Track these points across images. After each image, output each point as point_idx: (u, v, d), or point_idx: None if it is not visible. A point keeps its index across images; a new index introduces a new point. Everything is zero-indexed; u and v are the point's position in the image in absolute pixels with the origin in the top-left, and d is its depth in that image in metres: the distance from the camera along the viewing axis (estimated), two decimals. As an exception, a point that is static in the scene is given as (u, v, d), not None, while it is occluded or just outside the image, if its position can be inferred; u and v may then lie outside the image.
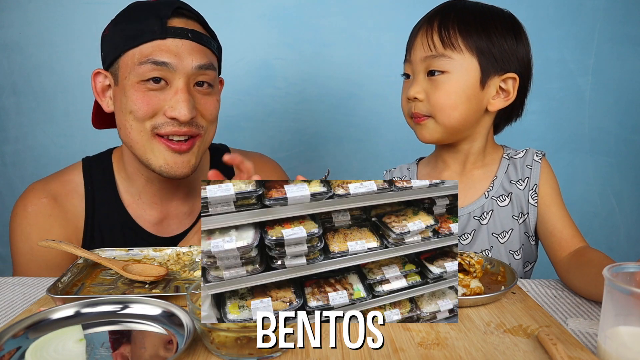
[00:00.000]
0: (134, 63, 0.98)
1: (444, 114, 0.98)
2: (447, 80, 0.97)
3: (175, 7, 1.01)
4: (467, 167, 1.07)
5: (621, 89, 1.70)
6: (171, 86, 0.99)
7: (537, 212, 1.01)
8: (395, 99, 1.67)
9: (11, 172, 1.71)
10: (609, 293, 0.59)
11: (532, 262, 1.05)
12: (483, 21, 0.97)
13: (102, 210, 1.10)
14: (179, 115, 0.97)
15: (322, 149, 1.74)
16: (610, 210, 1.77)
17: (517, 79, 0.98)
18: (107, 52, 1.03)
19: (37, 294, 0.86)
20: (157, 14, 0.99)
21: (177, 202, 1.14)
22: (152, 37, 0.98)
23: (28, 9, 1.63)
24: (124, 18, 1.03)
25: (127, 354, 0.62)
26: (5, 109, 1.68)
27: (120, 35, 1.00)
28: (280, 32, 1.67)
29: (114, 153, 1.16)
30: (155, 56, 0.97)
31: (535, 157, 1.03)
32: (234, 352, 0.60)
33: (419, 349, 0.63)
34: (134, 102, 0.98)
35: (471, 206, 1.05)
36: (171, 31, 0.98)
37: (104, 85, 1.05)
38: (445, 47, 0.96)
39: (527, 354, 0.62)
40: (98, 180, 1.12)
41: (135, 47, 0.98)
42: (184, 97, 0.98)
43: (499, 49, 0.97)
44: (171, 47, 0.98)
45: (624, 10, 1.66)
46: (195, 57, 1.00)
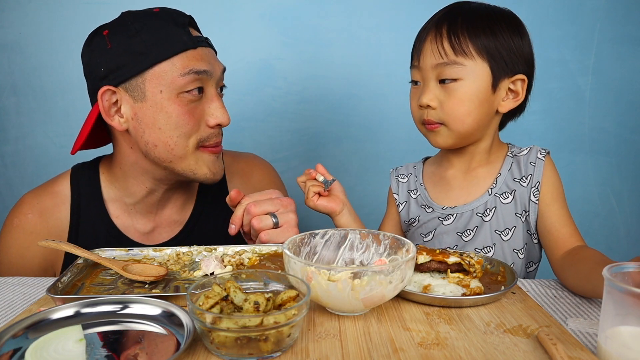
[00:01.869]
0: (172, 75, 0.95)
1: (457, 121, 0.98)
2: (459, 87, 0.96)
3: (188, 16, 1.02)
4: (472, 165, 1.07)
5: (621, 89, 1.70)
6: (205, 94, 1.00)
7: (538, 210, 1.01)
8: (395, 99, 1.68)
9: (11, 172, 1.71)
10: (609, 293, 0.59)
11: (535, 262, 1.06)
12: (490, 23, 0.97)
13: (87, 219, 1.10)
14: (222, 121, 1.01)
15: (322, 149, 1.74)
16: (610, 210, 1.77)
17: (526, 80, 0.99)
18: (117, 67, 0.96)
19: (37, 294, 0.86)
20: (176, 23, 0.98)
21: (172, 210, 1.14)
22: (185, 47, 0.97)
23: (28, 9, 1.63)
24: (137, 29, 0.96)
25: (127, 354, 0.62)
26: (5, 109, 1.68)
27: (141, 47, 0.95)
28: (280, 32, 1.67)
29: (102, 163, 1.13)
30: (195, 66, 0.97)
31: (539, 155, 1.03)
32: (234, 352, 0.60)
33: (418, 349, 0.63)
34: (179, 117, 0.97)
35: (474, 203, 1.05)
36: (197, 40, 0.99)
37: (111, 103, 0.99)
38: (457, 54, 0.96)
39: (527, 354, 0.62)
40: (85, 188, 1.11)
41: (166, 58, 0.95)
42: (220, 103, 1.02)
43: (507, 50, 0.97)
44: (203, 56, 0.99)
45: (624, 10, 1.66)
46: (217, 62, 1.03)
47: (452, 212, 1.07)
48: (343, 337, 0.66)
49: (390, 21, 1.66)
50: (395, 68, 1.65)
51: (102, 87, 0.97)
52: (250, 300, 0.64)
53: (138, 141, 1.00)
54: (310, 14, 1.66)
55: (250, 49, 1.66)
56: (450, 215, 1.07)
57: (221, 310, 0.64)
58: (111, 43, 0.97)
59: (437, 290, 0.77)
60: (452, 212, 1.07)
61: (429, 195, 1.12)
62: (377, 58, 1.68)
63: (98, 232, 1.09)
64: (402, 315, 0.73)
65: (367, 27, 1.67)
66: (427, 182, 1.14)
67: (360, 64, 1.69)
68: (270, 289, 0.72)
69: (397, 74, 1.07)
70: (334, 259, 0.85)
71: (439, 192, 1.11)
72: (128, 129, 1.00)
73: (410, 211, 1.14)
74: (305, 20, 1.66)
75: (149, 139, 0.99)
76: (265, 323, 0.59)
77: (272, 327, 0.59)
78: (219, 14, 1.08)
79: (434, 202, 1.10)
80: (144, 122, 0.98)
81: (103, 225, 1.09)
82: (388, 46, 1.67)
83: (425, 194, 1.12)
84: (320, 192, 1.06)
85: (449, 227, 1.06)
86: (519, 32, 0.99)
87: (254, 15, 1.65)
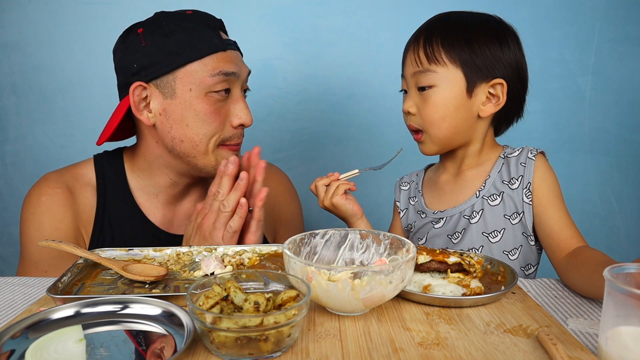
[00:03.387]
0: (203, 75, 1.01)
1: (434, 126, 1.02)
2: (434, 93, 1.01)
3: (218, 19, 1.07)
4: (462, 168, 1.09)
5: (621, 89, 1.70)
6: (231, 95, 1.05)
7: (534, 212, 1.01)
8: (395, 99, 1.67)
9: (11, 172, 1.71)
10: (610, 294, 0.59)
11: (534, 265, 1.05)
12: (466, 33, 1.01)
13: (112, 204, 1.12)
14: (246, 121, 1.06)
15: (322, 149, 1.74)
16: (610, 210, 1.77)
17: (505, 84, 1.00)
18: (150, 64, 1.01)
19: (37, 294, 0.86)
20: (209, 26, 1.03)
21: (190, 204, 1.18)
22: (216, 49, 1.02)
23: (28, 9, 1.63)
24: (170, 28, 1.01)
25: (128, 354, 0.62)
26: (5, 109, 1.68)
27: (174, 46, 1.00)
28: (280, 32, 1.67)
29: (125, 152, 1.17)
30: (225, 68, 1.02)
31: (529, 155, 1.03)
32: (234, 352, 0.60)
33: (419, 349, 0.63)
34: (207, 115, 1.02)
35: (462, 206, 1.06)
36: (227, 43, 1.05)
37: (141, 98, 1.03)
38: (430, 62, 1.01)
39: (527, 354, 0.62)
40: (110, 175, 1.13)
41: (198, 58, 1.00)
42: (245, 104, 1.07)
43: (482, 58, 1.00)
44: (232, 59, 1.04)
45: (624, 10, 1.66)
46: (244, 65, 1.08)
47: (442, 215, 1.08)
48: (343, 337, 0.66)
49: (390, 21, 1.66)
50: (395, 68, 1.64)
51: (134, 82, 1.01)
52: (250, 300, 0.64)
53: (164, 136, 1.05)
54: (310, 14, 1.66)
55: (250, 49, 1.66)
56: (440, 219, 1.08)
57: (221, 310, 0.64)
58: (145, 41, 1.01)
59: (437, 290, 0.77)
60: (442, 215, 1.08)
61: (424, 201, 1.14)
62: (377, 58, 1.68)
63: (124, 215, 1.12)
64: (402, 315, 0.73)
65: (367, 27, 1.67)
66: (424, 188, 1.17)
67: (360, 64, 1.69)
68: (271, 289, 0.71)
69: (397, 74, 1.07)
70: (334, 259, 0.85)
71: (433, 197, 1.13)
72: (155, 124, 1.05)
73: (409, 218, 1.16)
74: (305, 20, 1.66)
75: (176, 134, 1.04)
76: (265, 323, 0.59)
77: (272, 327, 0.59)
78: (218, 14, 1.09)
79: (427, 208, 1.12)
80: (172, 118, 1.03)
81: (129, 210, 1.12)
82: (388, 46, 1.67)
83: (421, 200, 1.14)
84: (351, 188, 1.09)
85: (440, 231, 1.08)
86: (498, 40, 1.01)
87: (254, 15, 1.66)
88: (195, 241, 1.01)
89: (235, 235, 0.99)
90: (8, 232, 1.74)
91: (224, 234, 0.98)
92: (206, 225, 0.99)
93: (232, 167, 1.00)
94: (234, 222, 0.98)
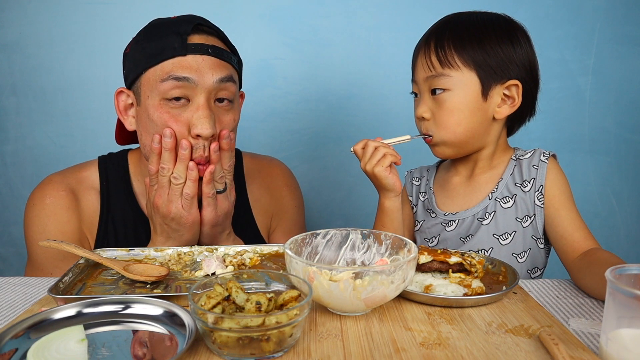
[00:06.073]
0: (155, 81, 0.97)
1: (449, 131, 1.01)
2: (448, 97, 0.99)
3: (196, 24, 1.00)
4: (475, 172, 1.08)
5: (621, 89, 1.70)
6: (192, 102, 0.98)
7: (545, 215, 1.00)
8: (395, 99, 1.69)
9: (11, 172, 1.71)
10: (612, 295, 0.59)
11: (541, 268, 1.05)
12: (477, 34, 0.99)
13: (116, 206, 1.12)
14: (201, 132, 0.95)
15: (322, 149, 1.74)
16: (610, 210, 1.77)
17: (520, 85, 0.99)
18: (128, 71, 1.03)
19: (39, 294, 0.86)
20: (177, 31, 0.99)
21: None
22: (173, 54, 0.97)
23: (28, 9, 1.63)
24: (144, 36, 1.02)
25: (129, 355, 0.62)
26: (5, 109, 1.68)
27: (142, 53, 0.99)
28: (280, 32, 1.67)
29: (130, 155, 1.17)
30: (175, 72, 0.96)
31: (542, 158, 1.02)
32: (236, 352, 0.60)
33: (420, 349, 0.63)
34: (162, 123, 0.97)
35: (475, 208, 1.05)
36: (191, 47, 0.98)
37: (127, 104, 1.05)
38: (443, 67, 0.99)
39: (528, 354, 0.62)
40: (113, 177, 1.14)
41: (156, 64, 0.97)
42: (206, 113, 0.97)
43: (496, 58, 0.98)
44: (192, 63, 0.97)
45: (624, 10, 1.66)
46: (215, 71, 0.99)
47: (454, 217, 1.07)
48: (345, 337, 0.66)
49: (390, 21, 1.66)
50: (395, 68, 1.65)
51: (118, 88, 1.05)
52: (252, 301, 0.64)
53: (140, 142, 1.05)
54: (310, 14, 1.66)
55: (250, 49, 1.66)
56: (452, 222, 1.07)
57: (223, 311, 0.64)
58: (129, 48, 1.04)
59: (438, 290, 0.77)
60: (454, 217, 1.07)
61: (435, 201, 1.12)
62: (377, 58, 1.68)
63: (127, 217, 1.12)
64: (404, 315, 0.73)
65: (367, 27, 1.67)
66: (436, 187, 1.15)
67: (360, 64, 1.69)
68: (272, 289, 0.72)
69: (397, 74, 1.08)
70: (336, 259, 0.85)
71: (445, 197, 1.12)
72: (136, 130, 1.06)
73: (417, 214, 1.15)
74: (305, 20, 1.66)
75: (143, 141, 1.03)
76: (267, 323, 0.59)
77: (274, 327, 0.59)
78: (219, 14, 1.09)
79: (437, 208, 1.11)
80: (140, 125, 1.03)
81: (132, 212, 1.12)
82: (388, 46, 1.67)
83: (432, 199, 1.13)
84: (397, 162, 1.03)
85: (452, 234, 1.07)
86: (510, 39, 0.99)
87: (254, 15, 1.66)
88: (158, 220, 0.99)
89: (194, 201, 0.97)
90: (8, 232, 1.74)
91: (182, 202, 0.97)
92: (161, 202, 0.97)
93: (169, 140, 0.95)
94: (188, 189, 0.96)
